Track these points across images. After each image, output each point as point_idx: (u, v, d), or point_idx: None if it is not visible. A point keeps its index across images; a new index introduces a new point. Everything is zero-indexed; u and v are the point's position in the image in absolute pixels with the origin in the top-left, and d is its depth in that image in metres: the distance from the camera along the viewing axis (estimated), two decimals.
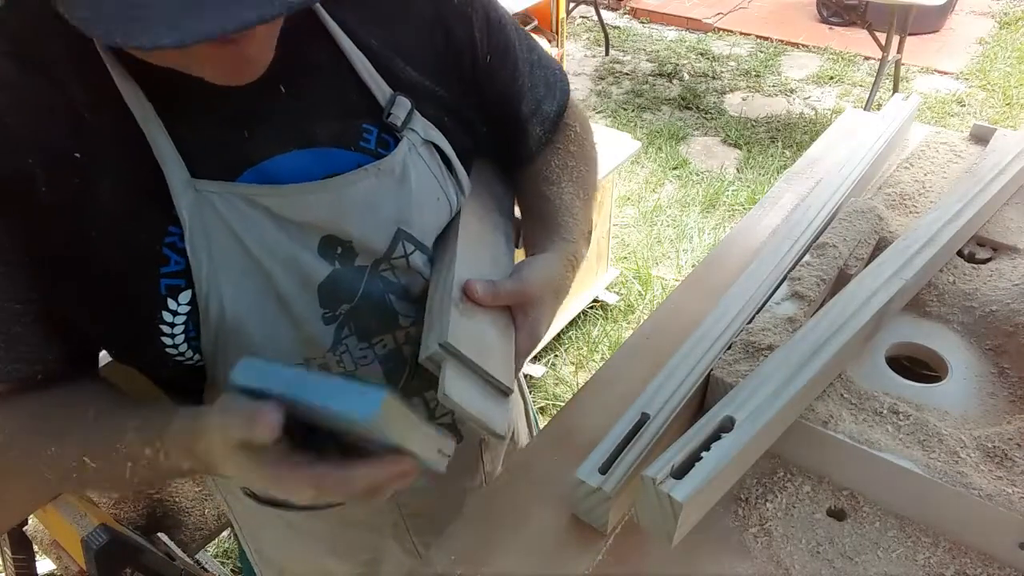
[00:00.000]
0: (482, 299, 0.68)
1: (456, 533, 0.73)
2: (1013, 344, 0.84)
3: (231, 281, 0.62)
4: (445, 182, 0.72)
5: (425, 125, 0.70)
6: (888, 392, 0.80)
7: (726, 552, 0.70)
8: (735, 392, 0.72)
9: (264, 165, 0.63)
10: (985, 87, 4.04)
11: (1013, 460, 0.69)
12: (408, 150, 0.68)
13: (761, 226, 1.10)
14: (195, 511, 1.48)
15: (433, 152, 0.71)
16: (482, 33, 0.74)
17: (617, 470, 0.69)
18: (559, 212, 0.80)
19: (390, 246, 0.69)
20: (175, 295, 0.62)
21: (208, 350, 0.65)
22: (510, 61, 0.78)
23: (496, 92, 0.78)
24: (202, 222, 0.60)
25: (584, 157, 0.87)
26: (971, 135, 1.23)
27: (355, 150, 0.67)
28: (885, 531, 0.71)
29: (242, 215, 0.61)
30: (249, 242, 0.62)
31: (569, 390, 2.37)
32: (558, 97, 0.85)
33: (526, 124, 0.82)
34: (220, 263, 0.62)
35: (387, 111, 0.68)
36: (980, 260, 0.98)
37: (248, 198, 0.61)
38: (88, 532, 1.18)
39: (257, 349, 0.66)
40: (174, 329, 0.63)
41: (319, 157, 0.65)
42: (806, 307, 0.87)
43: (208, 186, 0.60)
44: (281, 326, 0.66)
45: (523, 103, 0.81)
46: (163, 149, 0.59)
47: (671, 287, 2.73)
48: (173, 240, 0.61)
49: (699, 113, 4.01)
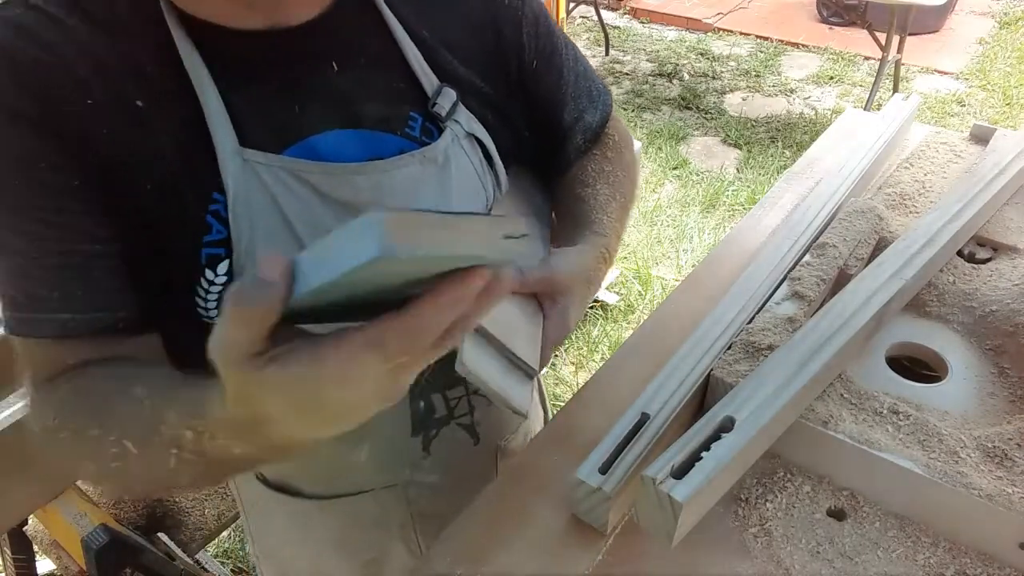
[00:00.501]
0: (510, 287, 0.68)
1: (456, 533, 0.73)
2: (1013, 344, 0.84)
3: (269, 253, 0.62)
4: (484, 176, 0.73)
5: (468, 118, 0.71)
6: (888, 392, 0.80)
7: (726, 552, 0.70)
8: (735, 392, 0.72)
9: (311, 140, 0.64)
10: (985, 87, 4.04)
11: (1013, 460, 0.69)
12: (451, 140, 0.70)
13: (761, 226, 1.10)
14: (195, 511, 1.48)
15: (475, 145, 0.72)
16: (531, 37, 0.76)
17: (617, 470, 0.69)
18: (593, 210, 0.81)
19: None
20: (214, 265, 0.62)
21: None
22: (555, 68, 0.80)
23: (540, 97, 0.79)
24: (246, 192, 0.61)
25: (622, 164, 0.87)
26: (971, 135, 1.23)
27: (400, 135, 0.68)
28: (885, 531, 0.71)
29: (287, 188, 0.62)
30: (291, 216, 0.62)
31: (569, 390, 2.37)
32: (601, 109, 0.86)
33: (568, 132, 0.83)
34: (259, 234, 0.62)
35: (433, 100, 0.69)
36: (980, 260, 0.98)
37: (294, 172, 0.62)
38: (88, 532, 1.18)
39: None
40: (208, 297, 0.63)
41: (364, 139, 0.66)
42: (806, 307, 0.87)
43: (255, 156, 0.61)
44: None
45: (566, 111, 0.82)
46: (215, 114, 0.60)
47: (671, 287, 2.73)
48: (217, 208, 0.61)
49: (699, 113, 4.01)
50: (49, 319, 0.58)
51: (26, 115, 0.56)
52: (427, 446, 0.83)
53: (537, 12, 0.77)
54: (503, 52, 0.75)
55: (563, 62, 0.81)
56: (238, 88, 0.61)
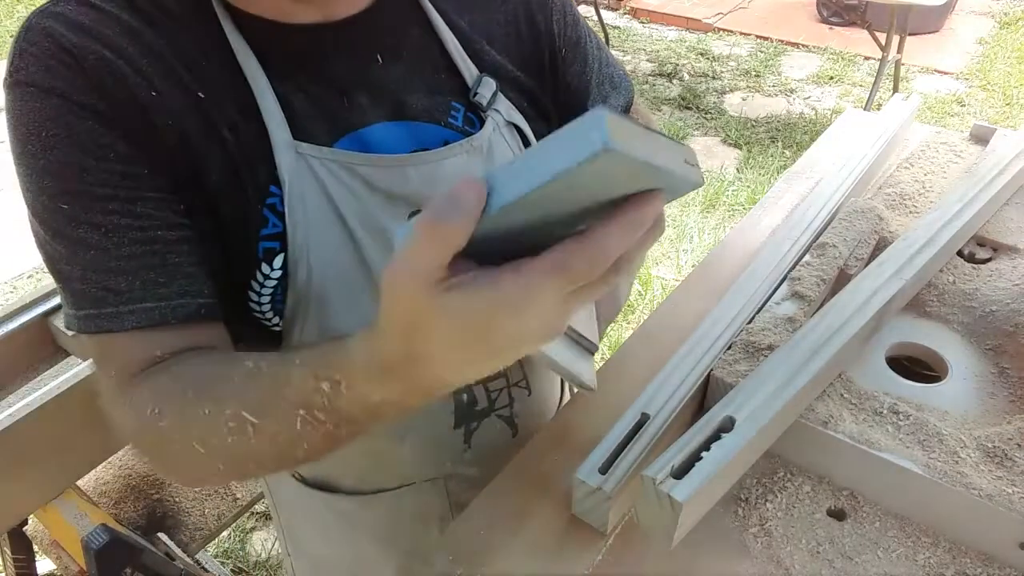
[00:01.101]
0: None
1: (456, 533, 0.73)
2: (1013, 344, 0.84)
3: (322, 247, 0.63)
4: None
5: (508, 107, 0.73)
6: (888, 392, 0.80)
7: (726, 552, 0.70)
8: (735, 392, 0.72)
9: (361, 132, 0.65)
10: (985, 87, 4.04)
11: (1013, 460, 0.69)
12: (493, 130, 0.71)
13: (761, 226, 1.10)
14: (195, 511, 1.48)
15: (515, 133, 0.73)
16: (560, 26, 0.78)
17: (617, 470, 0.69)
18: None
19: None
20: (270, 259, 0.62)
21: (289, 315, 0.65)
22: (581, 56, 0.81)
23: (569, 84, 0.81)
24: (300, 185, 0.61)
25: None
26: (971, 135, 1.23)
27: (443, 125, 0.69)
28: (885, 531, 0.71)
29: (339, 181, 0.63)
30: (344, 208, 0.63)
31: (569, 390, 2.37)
32: (624, 94, 0.87)
33: None
34: (313, 227, 0.62)
35: (474, 90, 0.70)
36: (980, 260, 0.98)
37: (345, 164, 0.63)
38: (88, 532, 1.18)
39: (339, 319, 0.65)
40: (262, 292, 0.63)
41: (411, 130, 0.67)
42: (806, 307, 0.87)
43: (308, 149, 0.62)
44: (365, 296, 0.66)
45: (591, 98, 0.83)
46: (269, 107, 0.60)
47: (671, 287, 2.73)
48: (274, 202, 0.62)
49: (699, 113, 4.01)
50: (132, 310, 0.57)
51: (93, 108, 0.56)
52: (468, 438, 0.84)
53: (565, 1, 0.79)
54: (537, 40, 0.77)
55: (588, 50, 0.82)
56: (287, 82, 0.62)
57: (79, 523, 1.22)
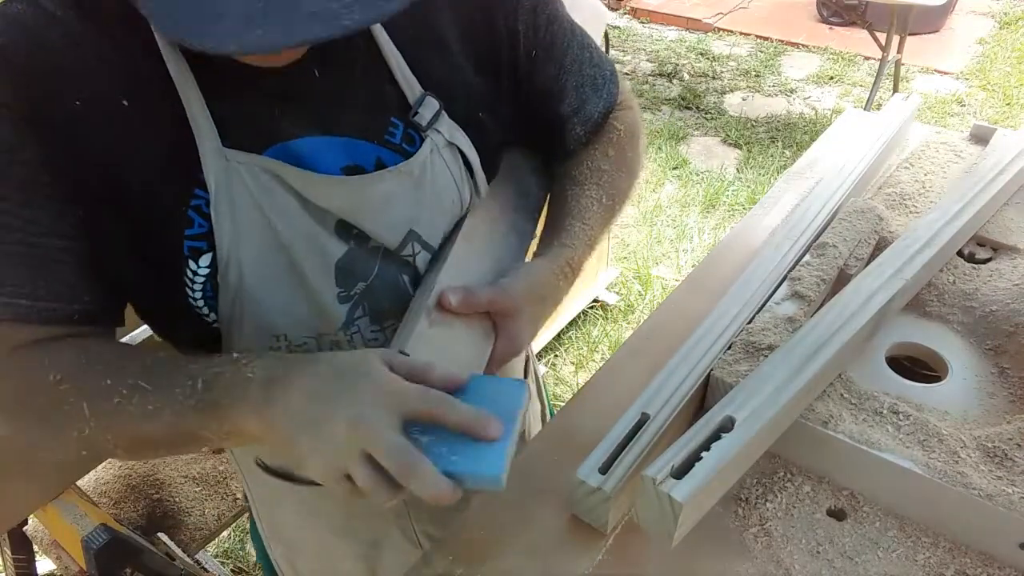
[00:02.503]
0: (456, 307, 0.69)
1: (456, 533, 0.73)
2: (1013, 344, 0.84)
3: (252, 250, 0.64)
4: (463, 185, 0.74)
5: (451, 127, 0.71)
6: (888, 392, 0.80)
7: (726, 552, 0.70)
8: (735, 392, 0.72)
9: (289, 145, 0.65)
10: (985, 87, 4.04)
11: (1013, 460, 0.69)
12: (430, 151, 0.70)
13: (761, 226, 1.10)
14: (195, 511, 1.48)
15: (456, 154, 0.72)
16: (527, 27, 0.75)
17: (617, 470, 0.69)
18: (569, 215, 0.80)
19: (401, 243, 0.71)
20: (196, 257, 0.64)
21: (225, 314, 0.67)
22: (555, 58, 0.79)
23: (537, 88, 0.79)
24: (228, 190, 0.62)
25: (620, 162, 0.85)
26: (971, 135, 1.23)
27: (379, 143, 0.69)
28: (885, 531, 0.71)
29: (267, 188, 0.63)
30: (272, 215, 0.64)
31: (569, 390, 2.37)
32: (605, 99, 0.85)
33: (565, 122, 0.82)
34: (243, 231, 0.64)
35: (414, 110, 0.69)
36: (980, 260, 0.98)
37: (275, 174, 0.63)
38: (88, 532, 1.18)
39: (272, 319, 0.68)
40: (194, 287, 0.65)
41: (342, 146, 0.67)
42: (806, 307, 0.87)
43: (237, 156, 0.62)
44: (297, 299, 0.68)
45: (564, 102, 0.81)
46: (197, 115, 0.61)
47: (671, 287, 2.73)
48: (199, 204, 0.63)
49: (699, 113, 4.01)
50: (6, 303, 0.60)
51: (8, 109, 0.57)
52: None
53: (535, 2, 0.76)
54: (496, 40, 0.74)
55: (564, 52, 0.80)
56: (219, 90, 0.62)
57: (79, 523, 1.22)
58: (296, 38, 0.48)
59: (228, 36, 0.48)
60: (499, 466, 0.52)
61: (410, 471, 0.52)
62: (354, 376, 0.55)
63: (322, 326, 0.71)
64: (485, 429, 0.54)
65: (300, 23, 0.48)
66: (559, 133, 0.83)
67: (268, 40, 0.47)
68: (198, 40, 0.48)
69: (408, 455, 0.52)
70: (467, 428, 0.54)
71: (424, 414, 0.54)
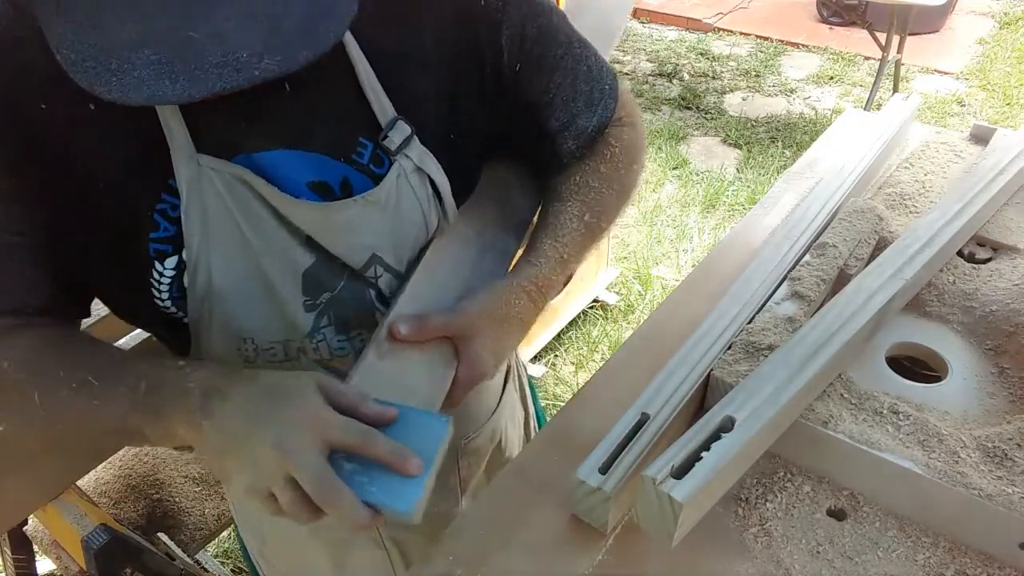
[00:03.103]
0: (406, 336, 0.69)
1: (456, 533, 0.73)
2: (1013, 344, 0.84)
3: (221, 254, 0.65)
4: (430, 210, 0.73)
5: (421, 152, 0.70)
6: (888, 392, 0.80)
7: (726, 552, 0.70)
8: (735, 392, 0.72)
9: (255, 157, 0.65)
10: (985, 87, 4.04)
11: (1013, 460, 0.69)
12: (397, 177, 0.69)
13: (761, 226, 1.10)
14: (195, 511, 1.48)
15: (424, 179, 0.71)
16: (512, 41, 0.73)
17: (617, 470, 0.69)
18: (545, 232, 0.79)
19: (364, 265, 0.71)
20: (161, 259, 0.65)
21: (194, 315, 0.68)
22: (544, 72, 0.76)
23: (523, 102, 0.77)
24: (199, 195, 0.63)
25: (611, 179, 0.83)
26: (971, 135, 1.23)
27: (346, 161, 0.68)
28: (885, 531, 0.71)
29: (238, 195, 0.64)
30: (242, 221, 0.64)
31: (569, 390, 2.37)
32: (599, 113, 0.81)
33: (554, 137, 0.80)
34: (213, 236, 0.64)
35: (384, 133, 0.68)
36: (980, 260, 0.98)
37: (245, 180, 0.64)
38: (88, 532, 1.18)
39: (240, 322, 0.69)
40: (161, 287, 0.66)
41: (309, 161, 0.66)
42: (806, 307, 0.87)
43: (211, 162, 0.63)
44: (264, 305, 0.69)
45: (552, 116, 0.79)
46: (170, 120, 0.61)
47: (671, 287, 2.73)
48: (164, 208, 0.64)
49: (699, 113, 4.01)
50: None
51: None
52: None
53: (524, 15, 0.73)
54: (477, 53, 0.72)
55: (555, 65, 0.77)
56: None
57: (79, 523, 1.22)
58: (203, 89, 0.48)
59: (137, 87, 0.48)
60: (411, 502, 0.55)
61: (330, 498, 0.54)
62: (286, 400, 0.57)
63: (288, 332, 0.71)
64: (404, 466, 0.56)
65: (208, 73, 0.48)
66: (550, 147, 0.81)
67: (176, 92, 0.48)
68: (106, 89, 0.48)
69: (329, 482, 0.54)
70: (387, 463, 0.56)
71: (348, 445, 0.56)
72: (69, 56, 0.49)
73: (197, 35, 0.48)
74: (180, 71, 0.48)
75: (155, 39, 0.48)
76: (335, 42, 0.52)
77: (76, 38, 0.49)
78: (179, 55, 0.48)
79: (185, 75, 0.48)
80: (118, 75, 0.48)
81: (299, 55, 0.51)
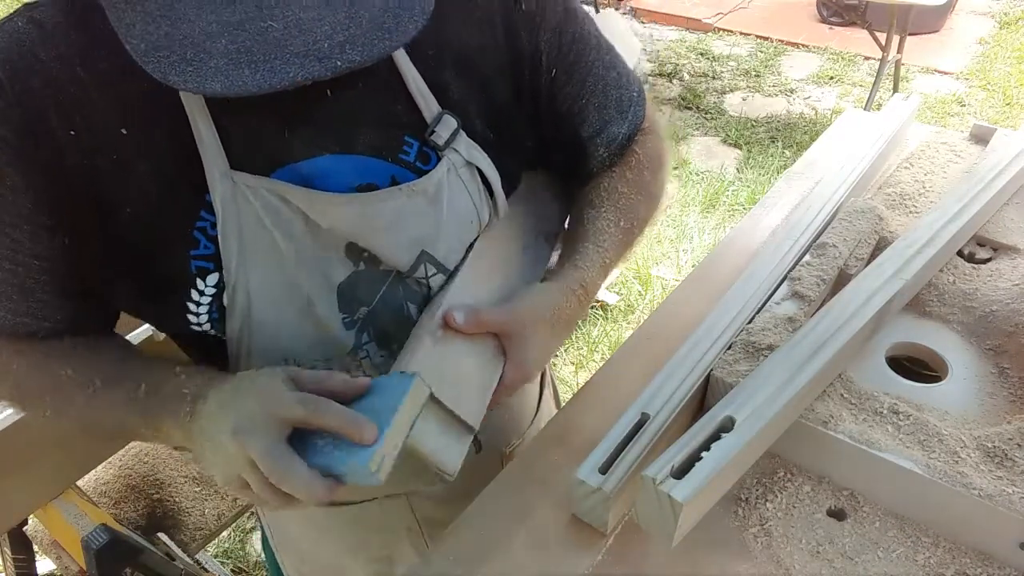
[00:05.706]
0: (462, 327, 0.68)
1: (456, 533, 0.73)
2: (1013, 344, 0.84)
3: (259, 273, 0.64)
4: (481, 204, 0.72)
5: (469, 145, 0.69)
6: (888, 392, 0.80)
7: (726, 552, 0.70)
8: (735, 392, 0.72)
9: (299, 165, 0.63)
10: (985, 87, 4.04)
11: (1013, 460, 0.69)
12: (447, 171, 0.68)
13: (761, 226, 1.10)
14: (195, 511, 1.48)
15: (474, 173, 0.70)
16: (549, 46, 0.73)
17: (617, 470, 0.69)
18: (585, 237, 0.78)
19: (413, 265, 0.70)
20: (203, 276, 0.64)
21: (233, 337, 0.67)
22: (577, 78, 0.76)
23: (556, 109, 0.77)
24: (236, 213, 0.62)
25: (639, 185, 0.83)
26: (971, 135, 1.23)
27: (393, 161, 0.67)
28: (885, 531, 0.71)
29: (274, 211, 0.63)
30: (279, 238, 0.63)
31: (569, 390, 2.37)
32: (630, 120, 0.82)
33: (586, 144, 0.80)
34: (250, 254, 0.63)
35: (431, 128, 0.67)
36: (980, 260, 0.98)
37: (282, 196, 0.62)
38: (88, 532, 1.18)
39: (280, 343, 0.68)
40: (199, 308, 0.65)
41: (355, 164, 0.65)
42: (806, 307, 0.87)
43: (245, 179, 0.61)
44: (305, 324, 0.68)
45: (586, 123, 0.79)
46: (206, 137, 0.60)
47: (671, 287, 2.73)
48: (204, 225, 0.63)
49: (699, 113, 4.01)
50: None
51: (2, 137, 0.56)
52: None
53: (561, 20, 0.73)
54: (516, 56, 0.72)
55: (587, 72, 0.77)
56: (229, 111, 0.61)
57: (79, 523, 1.22)
58: (285, 79, 0.47)
59: (214, 77, 0.47)
60: (367, 456, 0.53)
61: (282, 473, 0.54)
62: (247, 390, 0.57)
63: (331, 351, 0.70)
64: (359, 433, 0.54)
65: (289, 63, 0.47)
66: (582, 155, 0.81)
67: (256, 81, 0.47)
68: (181, 79, 0.47)
69: (280, 457, 0.54)
70: (340, 431, 0.55)
71: (302, 419, 0.55)
72: (139, 46, 0.48)
73: (276, 24, 0.47)
74: (260, 60, 0.47)
75: (233, 28, 0.47)
76: (414, 34, 0.51)
77: (147, 28, 0.48)
78: (259, 44, 0.47)
79: (265, 64, 0.47)
80: (194, 64, 0.47)
81: (379, 46, 0.50)
